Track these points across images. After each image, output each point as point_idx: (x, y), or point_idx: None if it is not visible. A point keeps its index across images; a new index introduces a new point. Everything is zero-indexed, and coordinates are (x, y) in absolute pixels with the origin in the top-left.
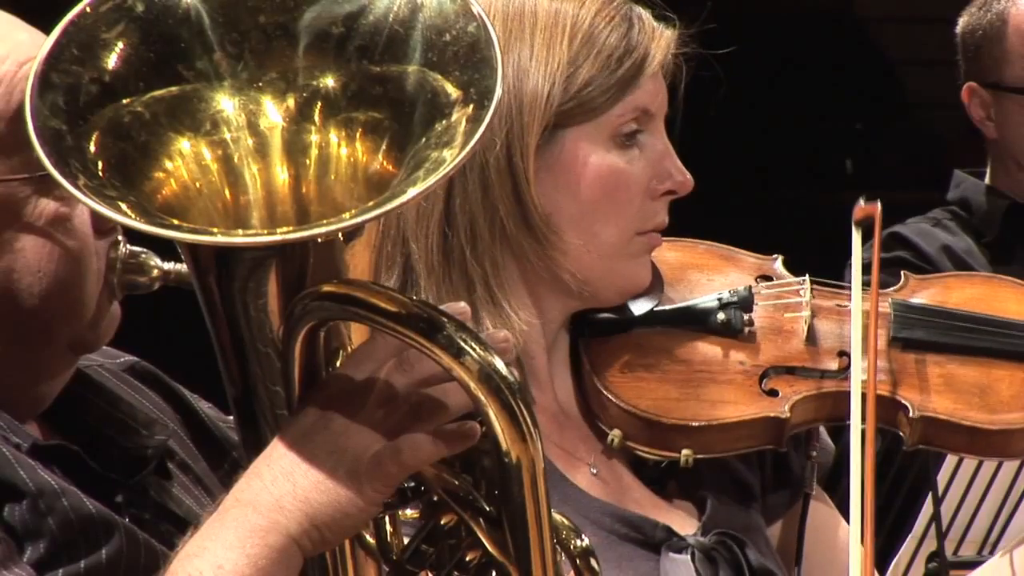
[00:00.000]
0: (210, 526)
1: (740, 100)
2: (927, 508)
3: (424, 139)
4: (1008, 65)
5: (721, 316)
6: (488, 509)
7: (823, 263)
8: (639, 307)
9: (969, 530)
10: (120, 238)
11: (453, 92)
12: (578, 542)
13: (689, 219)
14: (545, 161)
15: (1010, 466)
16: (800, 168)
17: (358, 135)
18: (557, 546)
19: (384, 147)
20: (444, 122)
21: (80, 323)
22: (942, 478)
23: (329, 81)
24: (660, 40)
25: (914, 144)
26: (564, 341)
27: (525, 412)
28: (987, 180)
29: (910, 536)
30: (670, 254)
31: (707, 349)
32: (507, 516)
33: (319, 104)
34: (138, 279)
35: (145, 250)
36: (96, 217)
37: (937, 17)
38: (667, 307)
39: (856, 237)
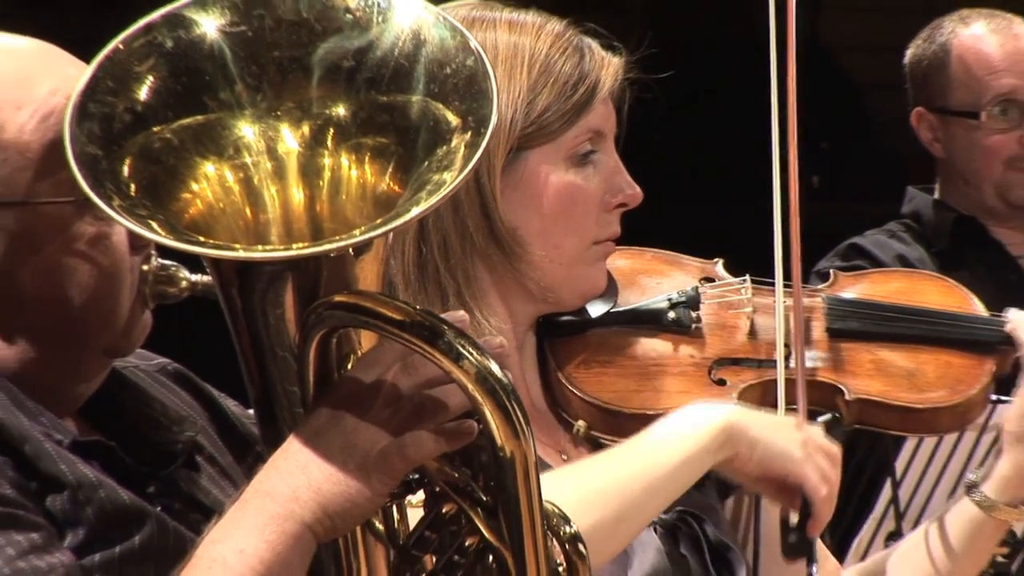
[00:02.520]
0: (232, 514)
1: (717, 120)
2: (886, 492)
3: (427, 162)
4: (952, 91)
5: (671, 315)
6: (485, 499)
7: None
8: (597, 309)
9: (925, 511)
10: (152, 252)
11: (453, 120)
12: (567, 528)
13: (677, 231)
14: (510, 180)
15: (963, 452)
16: (771, 182)
17: (367, 159)
18: (548, 532)
19: (390, 170)
20: (445, 147)
21: (115, 331)
22: (900, 464)
23: (340, 110)
24: (609, 67)
25: (873, 162)
26: (531, 342)
27: (518, 411)
28: (936, 195)
29: (871, 518)
30: (622, 261)
31: (660, 345)
32: (502, 505)
33: (331, 131)
34: (168, 290)
35: (175, 263)
36: (131, 234)
37: (895, 45)
38: (622, 308)
39: (777, 215)
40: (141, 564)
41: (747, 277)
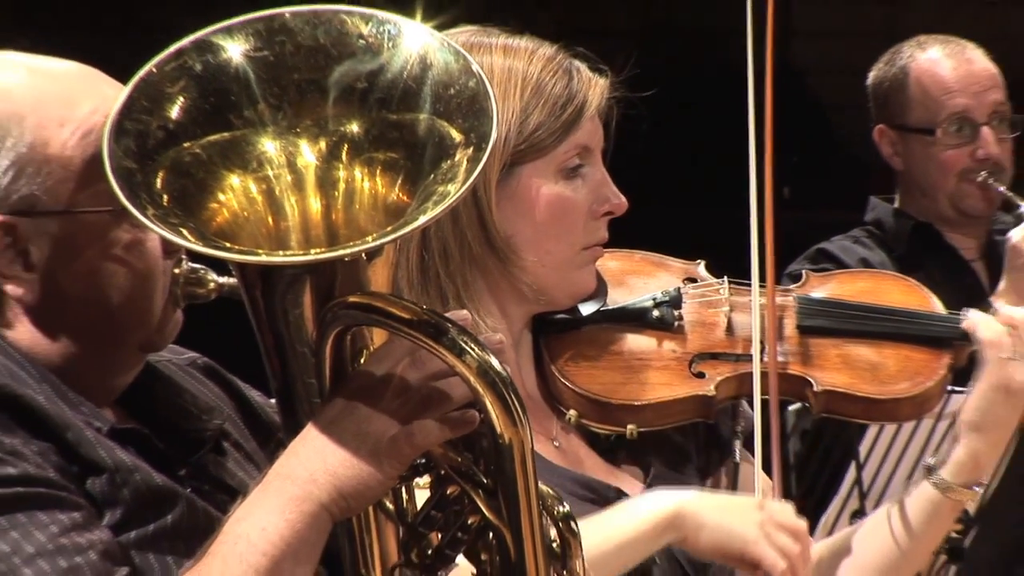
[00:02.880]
0: (255, 495)
1: (699, 135)
2: (851, 474)
3: (432, 175)
4: (910, 110)
5: (655, 313)
6: (486, 482)
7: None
8: (587, 308)
9: (886, 491)
10: (182, 257)
11: (457, 136)
12: (560, 508)
13: (664, 235)
14: (504, 193)
15: (921, 436)
16: (747, 192)
17: (378, 171)
18: (543, 511)
19: (399, 182)
20: (449, 161)
21: (149, 328)
22: (863, 448)
23: (354, 127)
24: (596, 87)
25: (839, 174)
26: (527, 339)
27: (516, 401)
28: (896, 204)
29: (836, 497)
30: (612, 262)
31: (645, 341)
32: (501, 487)
33: (346, 146)
34: (197, 291)
35: (204, 267)
36: (163, 241)
37: (859, 68)
38: (610, 307)
39: (754, 213)
40: (173, 541)
41: (725, 278)
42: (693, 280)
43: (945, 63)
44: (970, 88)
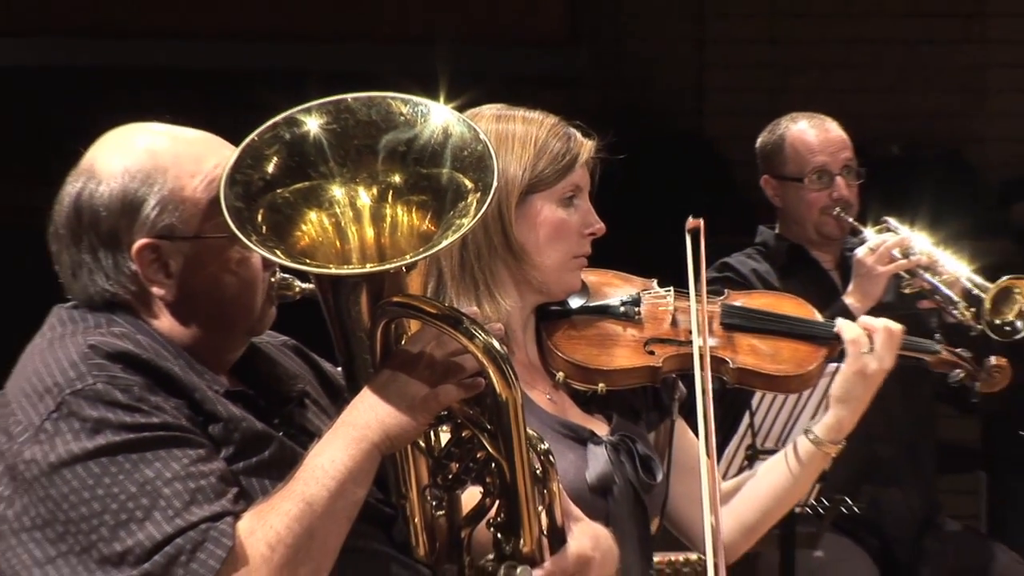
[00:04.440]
0: (327, 437)
1: (662, 187)
2: (746, 419)
3: (452, 212)
4: (786, 165)
5: (622, 309)
6: (489, 427)
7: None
8: (575, 302)
9: (770, 432)
10: (276, 269)
11: (469, 184)
12: (542, 445)
13: (630, 258)
14: (521, 213)
15: (792, 396)
16: (677, 227)
17: (413, 209)
18: (530, 448)
19: (428, 217)
20: (463, 202)
21: (252, 320)
22: (755, 402)
23: (396, 178)
24: (584, 147)
25: (738, 210)
26: (532, 321)
27: (510, 371)
28: (777, 231)
29: (735, 436)
30: (592, 276)
31: (614, 327)
32: (500, 431)
33: (390, 191)
34: (287, 293)
35: (292, 276)
36: (263, 258)
37: (752, 135)
38: (591, 304)
39: (689, 241)
40: (269, 470)
41: (671, 288)
42: (648, 290)
43: (810, 131)
44: (828, 149)
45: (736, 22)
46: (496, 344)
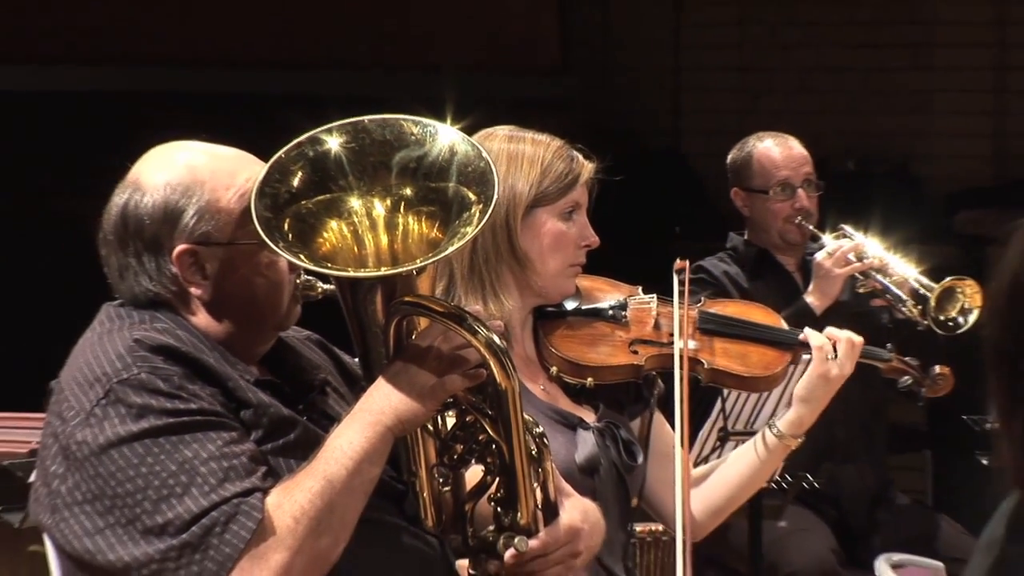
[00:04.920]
0: (346, 422)
1: (651, 203)
2: (718, 405)
3: (457, 222)
4: (753, 178)
5: (610, 312)
6: (491, 413)
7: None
8: (569, 305)
9: (739, 417)
10: (301, 272)
11: (472, 197)
12: (537, 429)
13: (618, 267)
14: (526, 224)
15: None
16: (657, 233)
17: (423, 219)
18: (526, 431)
19: (436, 226)
20: (467, 213)
21: (279, 316)
22: (726, 390)
23: (407, 191)
24: (584, 168)
25: (709, 218)
26: (530, 320)
27: (509, 363)
28: (745, 237)
29: (708, 421)
30: (585, 282)
31: (602, 328)
32: (500, 416)
33: (403, 203)
34: (311, 293)
35: (315, 279)
36: (289, 262)
37: (724, 152)
38: (584, 307)
39: (675, 279)
40: (294, 451)
41: (655, 295)
42: (634, 296)
43: (775, 149)
44: (790, 165)
45: (709, 53)
46: (496, 339)
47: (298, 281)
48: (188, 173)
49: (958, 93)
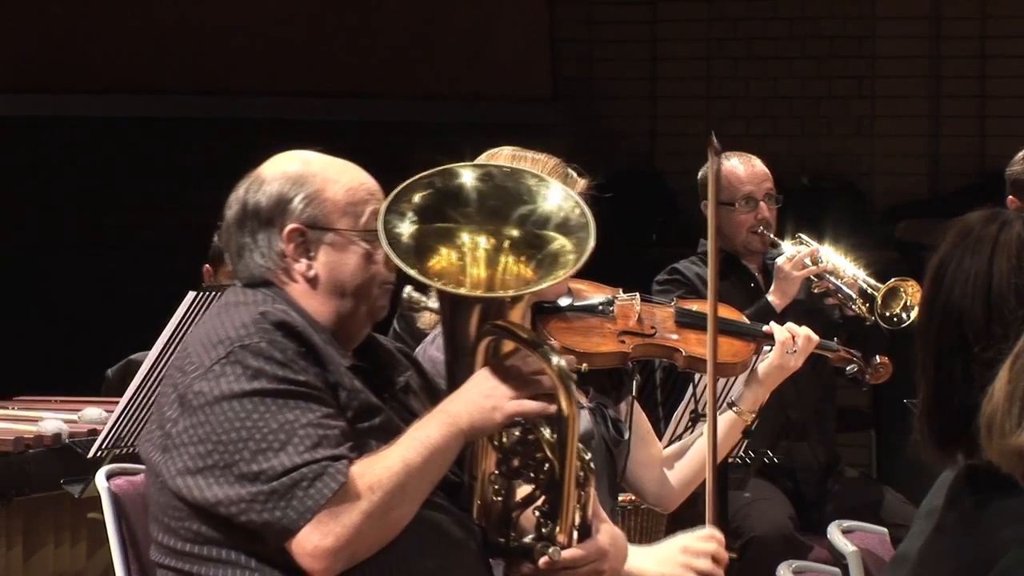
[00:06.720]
0: (425, 419)
1: (638, 217)
2: (690, 390)
3: (552, 264)
4: (720, 192)
5: (600, 308)
6: (550, 435)
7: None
8: (563, 302)
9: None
10: (395, 269)
11: (569, 245)
12: (586, 456)
13: (605, 272)
14: None
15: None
16: (635, 240)
17: (522, 259)
18: (578, 456)
19: (532, 265)
20: (563, 258)
21: (370, 302)
22: (697, 376)
23: (514, 233)
24: (577, 184)
25: (683, 227)
26: (529, 314)
27: (573, 392)
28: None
29: (682, 403)
30: (573, 283)
31: (594, 321)
32: (558, 439)
33: (507, 242)
34: (414, 308)
35: (424, 298)
36: (386, 258)
37: (694, 169)
38: (576, 304)
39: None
40: (377, 434)
41: (637, 294)
42: (619, 295)
43: (740, 167)
44: (753, 180)
45: (681, 84)
46: (566, 369)
47: (404, 296)
48: (302, 167)
49: (897, 119)
